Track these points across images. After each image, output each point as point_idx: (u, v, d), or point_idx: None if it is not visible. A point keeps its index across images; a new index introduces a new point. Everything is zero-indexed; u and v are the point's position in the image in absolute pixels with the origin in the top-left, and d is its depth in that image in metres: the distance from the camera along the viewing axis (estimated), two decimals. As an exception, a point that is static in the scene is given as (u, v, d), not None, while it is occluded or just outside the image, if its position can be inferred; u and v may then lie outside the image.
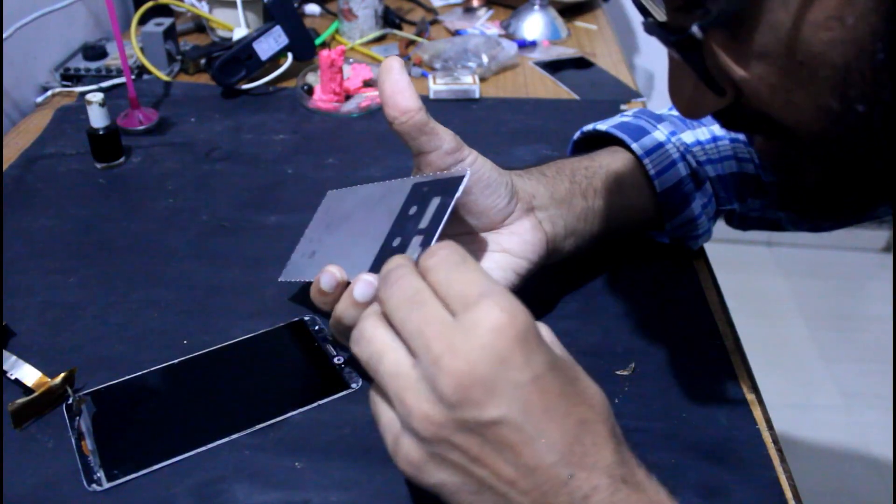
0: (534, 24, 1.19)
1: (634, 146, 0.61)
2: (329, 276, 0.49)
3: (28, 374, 0.52)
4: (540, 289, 0.59)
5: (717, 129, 0.64)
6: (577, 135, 0.68)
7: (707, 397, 0.52)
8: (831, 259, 2.12)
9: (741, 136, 0.63)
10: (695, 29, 0.33)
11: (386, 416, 0.37)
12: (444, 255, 0.37)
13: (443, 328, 0.34)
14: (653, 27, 0.36)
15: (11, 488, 0.45)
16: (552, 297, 0.61)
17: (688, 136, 0.63)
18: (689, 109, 0.39)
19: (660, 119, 0.64)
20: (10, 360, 0.53)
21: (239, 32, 1.02)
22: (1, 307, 0.58)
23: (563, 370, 0.35)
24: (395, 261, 0.39)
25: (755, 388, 0.54)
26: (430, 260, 0.37)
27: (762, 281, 2.06)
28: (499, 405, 0.33)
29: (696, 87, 0.37)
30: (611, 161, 0.61)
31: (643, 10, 0.38)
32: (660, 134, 0.62)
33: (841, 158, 0.36)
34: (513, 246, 0.54)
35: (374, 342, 0.37)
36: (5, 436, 0.49)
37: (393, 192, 0.53)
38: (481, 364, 0.33)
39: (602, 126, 0.64)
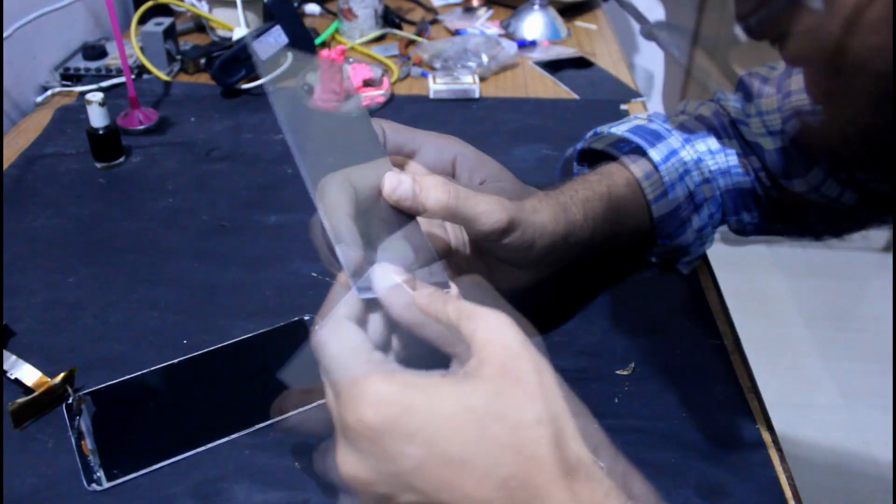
0: (534, 24, 1.19)
1: (651, 152, 0.60)
2: None
3: (28, 374, 0.52)
4: (540, 289, 0.59)
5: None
6: (589, 134, 0.67)
7: (707, 397, 0.52)
8: (831, 259, 2.11)
9: (740, 151, 0.62)
10: None
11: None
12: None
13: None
14: None
15: (11, 488, 0.45)
16: (552, 297, 0.61)
17: (699, 145, 0.62)
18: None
19: None
20: (10, 359, 0.53)
21: (239, 32, 1.02)
22: (1, 307, 0.58)
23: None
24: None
25: (755, 388, 0.54)
26: None
27: (762, 281, 2.06)
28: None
29: None
30: (613, 180, 0.59)
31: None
32: (675, 140, 0.61)
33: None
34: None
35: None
36: (5, 436, 0.49)
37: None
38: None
39: (617, 129, 0.63)
